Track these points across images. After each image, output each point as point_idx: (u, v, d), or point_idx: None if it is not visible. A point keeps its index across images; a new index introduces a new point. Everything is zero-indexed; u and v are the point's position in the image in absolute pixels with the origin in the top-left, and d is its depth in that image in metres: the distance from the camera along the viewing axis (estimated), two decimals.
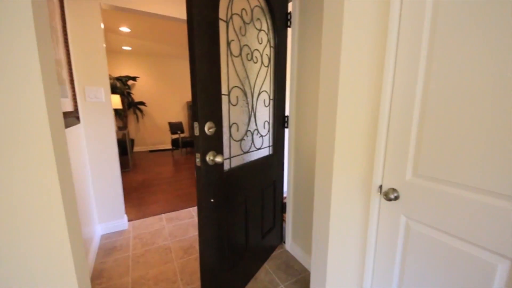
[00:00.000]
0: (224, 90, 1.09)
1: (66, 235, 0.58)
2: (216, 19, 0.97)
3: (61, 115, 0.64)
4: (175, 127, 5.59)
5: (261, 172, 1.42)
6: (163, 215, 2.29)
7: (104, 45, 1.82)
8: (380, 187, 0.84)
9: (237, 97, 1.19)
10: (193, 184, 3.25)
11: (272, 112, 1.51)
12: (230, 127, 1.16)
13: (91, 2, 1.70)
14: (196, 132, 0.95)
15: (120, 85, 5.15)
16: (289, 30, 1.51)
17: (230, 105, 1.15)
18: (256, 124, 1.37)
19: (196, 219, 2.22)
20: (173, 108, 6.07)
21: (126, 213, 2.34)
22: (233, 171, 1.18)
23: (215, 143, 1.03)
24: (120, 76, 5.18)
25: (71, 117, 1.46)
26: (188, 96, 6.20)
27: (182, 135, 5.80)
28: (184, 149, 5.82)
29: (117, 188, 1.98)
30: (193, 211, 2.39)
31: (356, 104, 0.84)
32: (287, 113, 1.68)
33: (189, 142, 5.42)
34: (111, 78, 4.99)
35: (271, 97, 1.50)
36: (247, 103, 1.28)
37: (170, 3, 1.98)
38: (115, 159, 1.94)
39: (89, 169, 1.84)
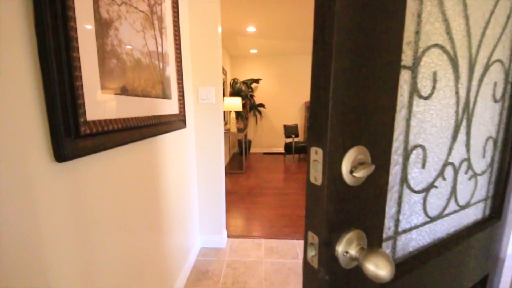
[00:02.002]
0: (405, 56, 0.41)
1: None
2: None
3: None
4: (289, 131, 5.29)
5: (459, 261, 0.60)
6: (263, 241, 1.88)
7: (220, 49, 1.61)
8: None
9: (434, 74, 0.46)
10: (301, 204, 2.68)
11: (506, 114, 0.63)
12: (407, 156, 0.45)
13: None
14: (315, 175, 0.35)
15: (245, 89, 5.48)
16: None
17: (415, 96, 0.44)
18: (467, 146, 0.56)
19: (300, 262, 1.64)
20: (290, 110, 5.82)
21: (228, 225, 2.15)
22: (402, 272, 0.46)
23: (366, 207, 0.38)
24: (246, 80, 5.51)
25: (175, 121, 1.29)
26: (307, 96, 5.73)
27: (296, 139, 5.42)
28: (296, 155, 5.42)
29: (220, 200, 1.76)
30: (298, 246, 1.82)
31: None
32: None
33: (303, 148, 4.93)
34: (238, 82, 5.40)
35: None
36: (456, 91, 0.51)
37: None
38: (221, 169, 1.71)
39: (196, 178, 1.71)
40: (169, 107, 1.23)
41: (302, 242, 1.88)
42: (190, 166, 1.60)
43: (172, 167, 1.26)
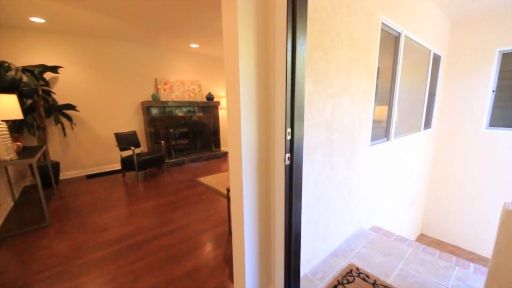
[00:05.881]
0: None
1: None
2: None
3: None
4: (125, 141, 3.94)
5: None
6: None
7: None
8: None
9: None
10: (175, 253, 1.84)
11: None
12: None
13: None
14: None
15: (30, 80, 3.29)
16: None
17: None
18: None
19: None
20: (122, 114, 4.35)
21: None
22: None
23: None
24: (30, 66, 3.31)
25: None
26: (144, 95, 4.53)
27: (137, 150, 4.15)
28: (141, 172, 4.17)
29: None
30: None
31: None
32: None
33: (150, 161, 3.83)
34: (12, 68, 3.11)
35: None
36: None
37: None
38: None
39: None
40: None
41: None
42: None
43: None
